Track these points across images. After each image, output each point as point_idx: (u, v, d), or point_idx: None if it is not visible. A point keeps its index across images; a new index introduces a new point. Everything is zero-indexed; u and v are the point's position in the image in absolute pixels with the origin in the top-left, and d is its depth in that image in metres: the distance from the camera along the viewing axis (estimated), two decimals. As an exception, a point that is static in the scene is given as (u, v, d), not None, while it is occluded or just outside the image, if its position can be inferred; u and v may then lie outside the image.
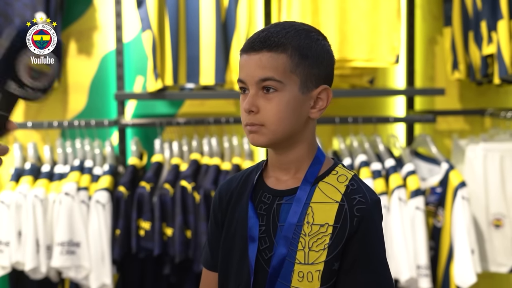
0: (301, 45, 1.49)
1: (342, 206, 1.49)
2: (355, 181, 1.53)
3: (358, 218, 1.48)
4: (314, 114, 1.52)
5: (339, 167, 1.56)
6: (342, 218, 1.48)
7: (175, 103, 3.80)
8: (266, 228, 1.53)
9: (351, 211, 1.48)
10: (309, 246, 1.48)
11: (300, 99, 1.49)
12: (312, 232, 1.48)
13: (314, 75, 1.50)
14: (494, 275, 3.77)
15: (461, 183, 3.27)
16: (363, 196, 1.50)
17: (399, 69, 3.85)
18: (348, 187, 1.51)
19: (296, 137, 1.53)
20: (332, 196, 1.50)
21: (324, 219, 1.48)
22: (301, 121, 1.51)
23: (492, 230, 3.48)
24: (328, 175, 1.54)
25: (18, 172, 3.37)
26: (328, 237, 1.47)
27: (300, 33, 1.50)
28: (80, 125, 3.42)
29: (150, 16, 3.37)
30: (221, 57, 3.46)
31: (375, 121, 3.53)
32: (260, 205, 1.56)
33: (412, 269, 3.19)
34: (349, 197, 1.50)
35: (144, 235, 3.21)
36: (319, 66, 1.50)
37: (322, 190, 1.52)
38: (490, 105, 3.89)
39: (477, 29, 3.55)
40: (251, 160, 3.46)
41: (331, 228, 1.47)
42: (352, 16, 3.46)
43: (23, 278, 3.29)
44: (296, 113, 1.50)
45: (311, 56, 1.49)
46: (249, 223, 1.55)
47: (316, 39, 1.51)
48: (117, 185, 3.31)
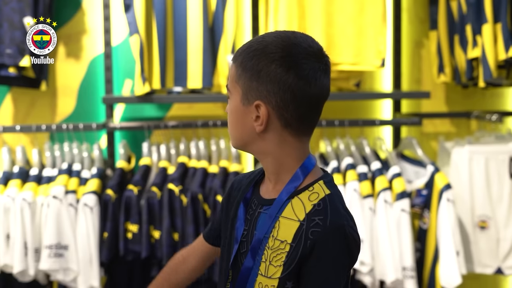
0: (246, 58, 1.50)
1: (301, 226, 1.45)
2: (325, 202, 1.47)
3: (311, 241, 1.43)
4: (257, 128, 1.50)
5: (318, 184, 1.51)
6: (298, 238, 1.44)
7: (163, 106, 3.81)
8: (247, 233, 1.56)
9: (307, 233, 1.44)
10: (270, 260, 1.47)
11: (242, 110, 1.51)
12: (274, 247, 1.47)
13: (253, 89, 1.49)
14: (479, 276, 3.80)
15: (447, 185, 3.30)
16: (323, 219, 1.44)
17: (386, 72, 3.88)
18: (314, 206, 1.47)
19: (257, 148, 1.54)
20: (298, 213, 1.47)
21: (285, 236, 1.46)
22: (248, 131, 1.52)
23: (478, 232, 3.51)
24: (305, 191, 1.50)
25: (6, 176, 3.38)
26: (284, 255, 1.45)
27: (255, 48, 1.49)
28: (68, 128, 3.43)
29: (138, 20, 3.39)
30: (209, 60, 3.48)
31: (362, 124, 3.56)
32: (249, 209, 1.59)
33: (398, 270, 3.21)
34: (310, 217, 1.45)
35: (132, 238, 3.23)
36: (259, 81, 1.48)
37: (293, 205, 1.49)
38: (476, 108, 3.92)
39: (462, 32, 3.58)
40: (238, 163, 3.48)
41: (288, 246, 1.45)
42: (338, 20, 3.48)
43: (11, 281, 3.30)
44: (240, 123, 1.52)
45: (251, 70, 1.48)
46: (236, 225, 1.59)
47: (271, 59, 1.47)
48: (105, 188, 3.32)
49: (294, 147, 1.52)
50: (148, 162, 3.45)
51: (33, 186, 3.30)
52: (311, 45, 1.51)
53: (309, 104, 1.49)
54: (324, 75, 1.51)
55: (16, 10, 3.32)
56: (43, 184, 3.33)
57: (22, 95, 3.71)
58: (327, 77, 1.51)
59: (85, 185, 3.32)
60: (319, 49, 1.53)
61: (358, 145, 3.56)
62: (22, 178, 3.36)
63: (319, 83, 1.49)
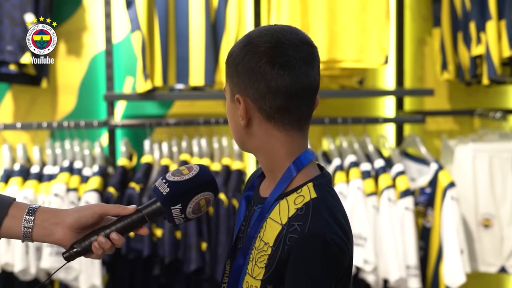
0: (230, 54, 1.48)
1: (282, 230, 1.40)
2: (308, 207, 1.40)
3: (288, 247, 1.37)
4: (241, 123, 1.46)
5: (307, 186, 1.44)
6: (278, 242, 1.40)
7: (164, 104, 3.79)
8: (244, 229, 1.54)
9: (285, 238, 1.38)
10: (255, 261, 1.44)
11: (231, 107, 1.49)
12: (259, 247, 1.44)
13: (235, 84, 1.46)
14: (483, 275, 3.78)
15: (450, 183, 3.28)
16: (301, 225, 1.37)
17: (389, 70, 3.86)
18: (297, 210, 1.41)
19: (250, 146, 1.50)
20: (282, 216, 1.42)
21: (268, 238, 1.42)
22: (238, 129, 1.48)
23: (481, 230, 3.49)
24: (293, 193, 1.45)
25: (7, 173, 3.36)
26: (266, 257, 1.41)
27: (237, 44, 1.47)
28: (69, 126, 3.41)
29: (140, 17, 3.37)
30: (211, 57, 3.46)
31: (365, 121, 3.54)
32: (249, 205, 1.56)
33: (402, 269, 3.20)
34: (291, 222, 1.39)
35: (134, 236, 3.21)
36: (237, 74, 1.45)
37: (280, 207, 1.44)
38: (479, 106, 3.90)
39: (466, 29, 3.56)
40: (240, 160, 3.46)
41: (270, 249, 1.41)
42: (341, 17, 3.46)
43: (12, 279, 3.28)
44: (232, 121, 1.50)
45: (232, 65, 1.46)
46: (237, 218, 1.57)
47: (246, 51, 1.44)
48: (106, 186, 3.30)
49: (282, 142, 1.46)
50: (150, 160, 3.43)
51: (34, 184, 3.28)
52: (291, 35, 1.44)
53: (287, 94, 1.42)
54: (305, 64, 1.43)
55: (17, 6, 3.30)
56: (44, 182, 3.31)
57: (23, 93, 3.68)
58: (309, 67, 1.44)
59: (86, 183, 3.30)
60: (300, 39, 1.45)
61: (361, 143, 3.55)
62: (23, 176, 3.34)
63: (297, 72, 1.42)
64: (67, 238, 1.47)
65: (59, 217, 1.47)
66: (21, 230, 1.46)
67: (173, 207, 1.45)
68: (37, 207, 1.47)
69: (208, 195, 1.48)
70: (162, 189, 1.45)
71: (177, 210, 1.45)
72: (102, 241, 1.46)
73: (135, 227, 1.49)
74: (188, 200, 1.46)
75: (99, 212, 1.47)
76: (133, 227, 1.49)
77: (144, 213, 1.48)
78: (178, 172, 1.47)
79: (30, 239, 1.47)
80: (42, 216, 1.46)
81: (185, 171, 1.47)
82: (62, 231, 1.46)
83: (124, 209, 1.49)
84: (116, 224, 1.48)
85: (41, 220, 1.46)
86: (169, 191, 1.44)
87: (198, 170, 1.48)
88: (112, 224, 1.48)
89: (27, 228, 1.45)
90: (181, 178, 1.46)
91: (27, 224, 1.45)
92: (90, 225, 1.48)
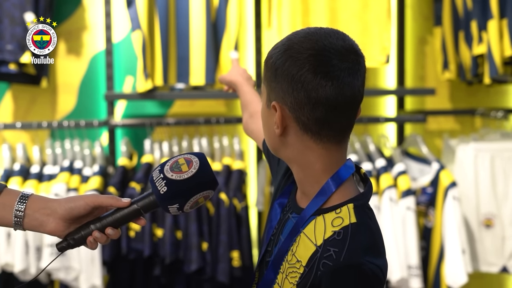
0: (269, 57, 1.41)
1: (316, 252, 1.33)
2: (346, 232, 1.33)
3: (321, 273, 1.30)
4: (276, 131, 1.40)
5: (347, 207, 1.37)
6: (311, 264, 1.33)
7: (165, 103, 3.78)
8: (275, 233, 1.49)
9: (319, 262, 1.31)
10: (286, 274, 1.38)
11: (266, 112, 1.42)
12: (291, 262, 1.38)
13: (273, 89, 1.39)
14: (485, 275, 3.78)
15: (452, 183, 3.27)
16: (337, 253, 1.30)
17: (390, 69, 3.85)
18: (334, 234, 1.33)
19: (284, 155, 1.43)
20: (317, 235, 1.35)
21: (301, 256, 1.36)
22: (272, 135, 1.42)
23: (483, 230, 3.48)
24: (331, 211, 1.37)
25: (7, 173, 3.35)
26: (298, 276, 1.35)
27: (277, 46, 1.39)
28: (69, 125, 3.40)
29: (140, 16, 3.36)
30: (211, 57, 3.45)
31: (366, 121, 3.53)
32: (284, 209, 1.51)
33: (403, 269, 3.19)
34: (326, 246, 1.32)
35: (135, 236, 3.20)
36: (276, 80, 1.37)
37: (316, 224, 1.37)
38: (481, 105, 3.89)
39: (467, 29, 3.55)
40: (241, 160, 3.45)
41: (302, 269, 1.34)
42: (343, 16, 3.45)
43: (12, 279, 3.27)
44: (266, 126, 1.44)
45: (271, 69, 1.39)
46: (269, 226, 1.53)
47: (287, 56, 1.35)
48: (107, 185, 3.29)
49: (318, 155, 1.38)
50: (150, 159, 3.42)
51: (34, 183, 3.27)
52: (337, 42, 1.36)
53: (327, 106, 1.33)
54: (349, 75, 1.34)
55: (17, 5, 3.29)
56: (44, 181, 3.30)
57: (23, 92, 3.67)
58: (354, 77, 1.35)
59: (86, 182, 3.29)
60: (346, 47, 1.36)
61: (362, 143, 3.54)
62: (23, 176, 3.33)
63: (340, 84, 1.33)
64: (59, 229, 1.43)
65: (50, 207, 1.43)
66: (12, 220, 1.43)
67: (171, 206, 1.41)
68: (29, 195, 1.44)
69: (207, 193, 1.43)
70: (160, 186, 1.40)
71: (174, 208, 1.42)
72: (98, 236, 1.43)
73: (130, 219, 1.45)
74: (186, 200, 1.41)
75: (91, 204, 1.43)
76: (129, 220, 1.45)
77: (140, 206, 1.44)
78: (177, 168, 1.40)
79: (22, 227, 1.44)
80: (33, 206, 1.43)
81: (184, 166, 1.41)
82: (54, 222, 1.42)
83: (118, 201, 1.44)
84: (111, 217, 1.44)
85: (32, 210, 1.42)
86: (166, 190, 1.39)
87: (198, 166, 1.41)
88: (106, 217, 1.44)
89: (18, 218, 1.42)
90: (180, 176, 1.40)
91: (17, 214, 1.41)
92: (83, 216, 1.44)
